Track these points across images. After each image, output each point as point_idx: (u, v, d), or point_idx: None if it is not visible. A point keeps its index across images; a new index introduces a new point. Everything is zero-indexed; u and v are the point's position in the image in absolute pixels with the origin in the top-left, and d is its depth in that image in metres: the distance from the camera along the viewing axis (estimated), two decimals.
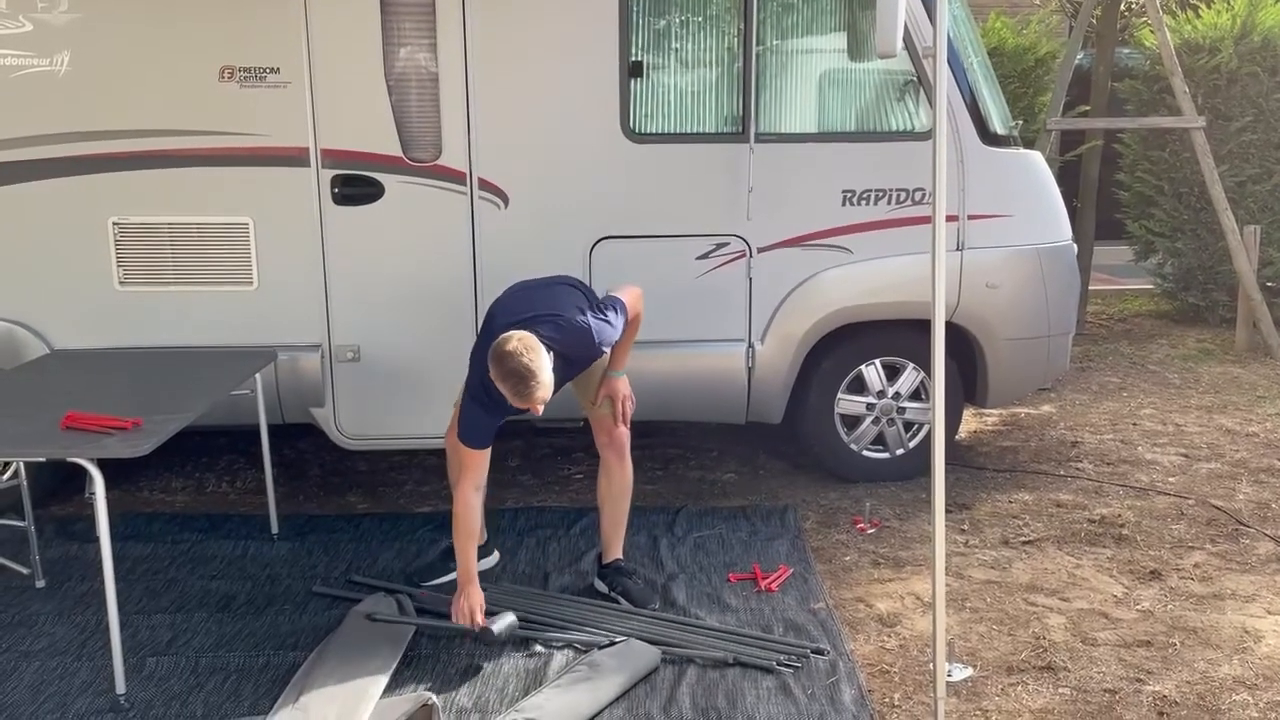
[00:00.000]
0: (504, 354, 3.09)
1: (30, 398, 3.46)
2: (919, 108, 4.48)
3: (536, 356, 3.10)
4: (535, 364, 3.09)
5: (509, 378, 3.09)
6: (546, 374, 3.12)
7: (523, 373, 3.08)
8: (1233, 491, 4.73)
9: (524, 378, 3.08)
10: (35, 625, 3.52)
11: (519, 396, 3.11)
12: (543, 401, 3.15)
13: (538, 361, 3.10)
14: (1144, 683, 3.17)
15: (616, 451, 3.66)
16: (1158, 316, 8.72)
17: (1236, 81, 8.02)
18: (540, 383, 3.10)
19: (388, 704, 3.01)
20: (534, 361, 3.09)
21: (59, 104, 4.13)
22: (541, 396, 3.12)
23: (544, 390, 3.12)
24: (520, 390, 3.09)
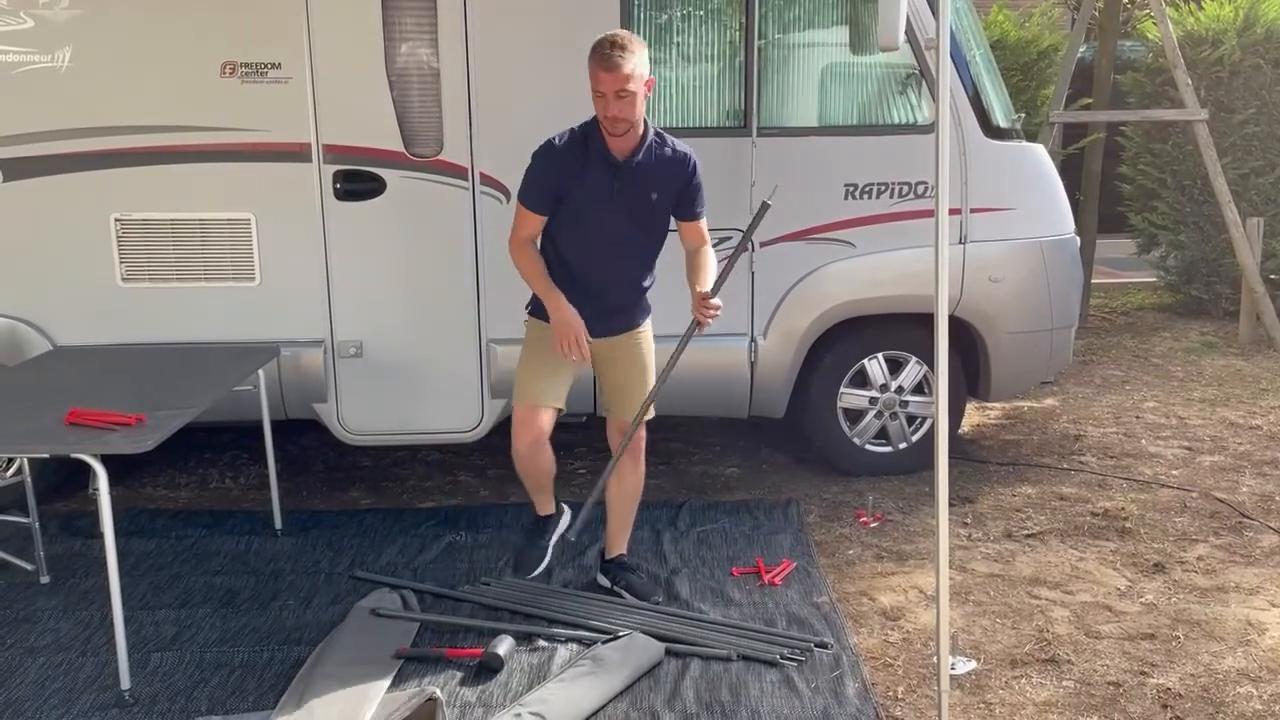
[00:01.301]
0: (603, 34, 3.14)
1: (33, 394, 3.46)
2: (921, 101, 4.47)
3: (638, 44, 3.13)
4: (634, 41, 3.11)
5: (601, 44, 3.10)
6: (638, 59, 3.10)
7: (616, 40, 3.09)
8: (1236, 484, 4.73)
9: (615, 42, 3.09)
10: (40, 621, 3.52)
11: (601, 59, 3.07)
12: (624, 84, 3.08)
13: (637, 47, 3.11)
14: (1148, 675, 3.17)
15: (632, 454, 3.57)
16: (1160, 309, 8.71)
17: (1239, 74, 8.00)
18: (628, 53, 3.07)
19: (391, 699, 3.01)
20: (634, 40, 3.12)
21: (61, 100, 4.12)
22: (623, 67, 3.06)
23: (629, 62, 3.07)
24: (605, 54, 3.07)
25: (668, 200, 3.37)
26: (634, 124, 3.21)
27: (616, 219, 3.33)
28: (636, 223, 3.36)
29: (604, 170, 3.28)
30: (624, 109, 3.14)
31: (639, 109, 3.19)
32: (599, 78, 3.11)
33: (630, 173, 3.28)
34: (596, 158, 3.27)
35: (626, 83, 3.10)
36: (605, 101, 3.14)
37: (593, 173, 3.27)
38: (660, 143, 3.34)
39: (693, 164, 3.37)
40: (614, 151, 3.27)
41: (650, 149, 3.30)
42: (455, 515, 4.42)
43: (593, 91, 3.15)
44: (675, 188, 3.36)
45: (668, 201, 3.38)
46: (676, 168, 3.34)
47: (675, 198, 3.38)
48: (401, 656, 3.26)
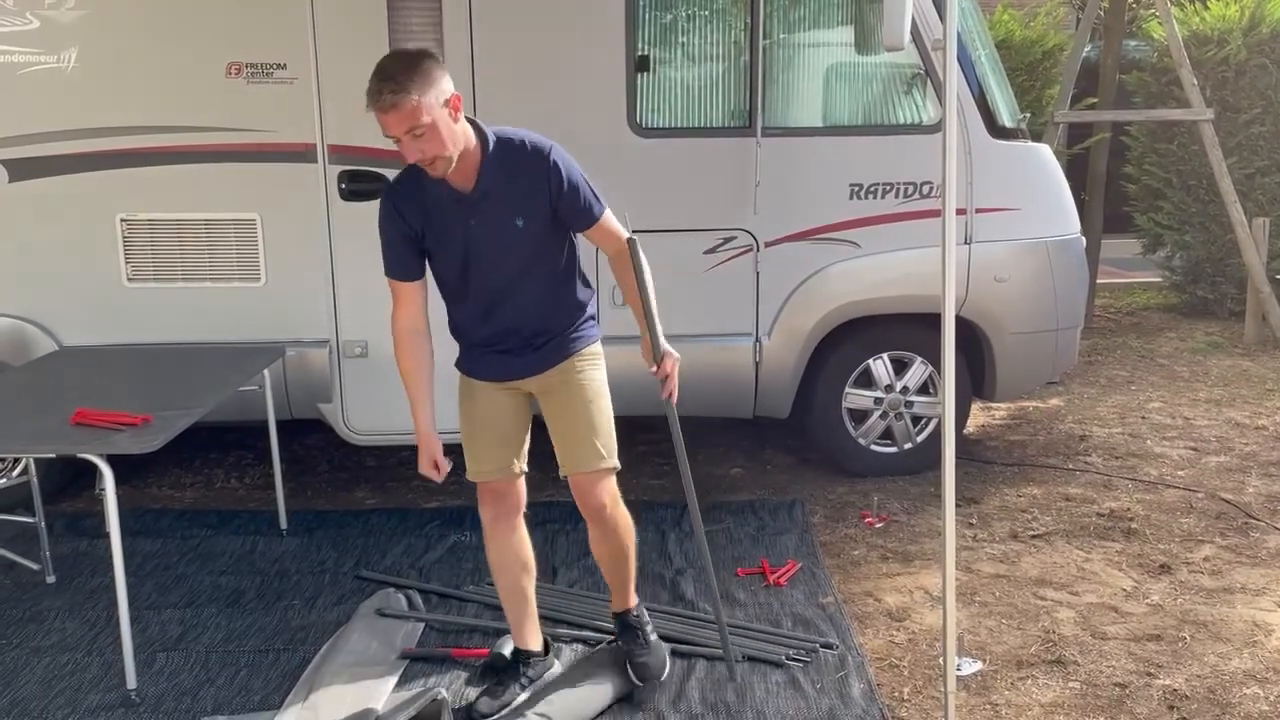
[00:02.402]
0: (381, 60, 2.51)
1: (39, 394, 3.47)
2: (926, 101, 4.47)
3: (417, 62, 2.47)
4: (407, 65, 2.45)
5: (371, 81, 2.46)
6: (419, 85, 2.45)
7: (382, 69, 2.45)
8: (1242, 485, 4.72)
9: (380, 74, 2.45)
10: (46, 621, 3.53)
11: (370, 101, 2.46)
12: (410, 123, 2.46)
13: (415, 67, 2.45)
14: (1154, 676, 3.16)
15: (593, 513, 2.90)
16: (1166, 310, 8.70)
17: (1245, 73, 7.99)
18: (400, 86, 2.43)
19: (397, 699, 3.01)
20: (408, 64, 2.45)
21: (66, 101, 4.13)
22: (399, 105, 2.43)
23: (403, 97, 2.43)
24: (371, 92, 2.45)
25: (541, 219, 2.71)
26: (452, 156, 2.57)
27: (493, 257, 2.72)
28: (517, 255, 2.73)
29: (451, 208, 2.68)
30: (428, 147, 2.52)
31: (449, 138, 2.54)
32: (379, 120, 2.50)
33: (481, 201, 2.67)
34: (437, 197, 2.68)
35: (416, 119, 2.46)
36: (403, 147, 2.53)
37: (439, 215, 2.69)
38: (503, 150, 2.66)
39: (551, 162, 2.66)
40: (455, 185, 2.66)
41: (494, 165, 2.65)
42: (460, 515, 4.42)
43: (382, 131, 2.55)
44: (543, 200, 2.68)
45: (543, 221, 2.71)
46: (533, 176, 2.67)
47: (550, 211, 2.70)
48: (407, 656, 3.27)
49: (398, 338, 2.83)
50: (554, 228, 2.76)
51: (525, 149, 2.68)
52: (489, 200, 2.67)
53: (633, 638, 3.07)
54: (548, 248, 2.77)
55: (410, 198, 2.71)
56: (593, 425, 2.85)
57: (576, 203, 2.73)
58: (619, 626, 3.12)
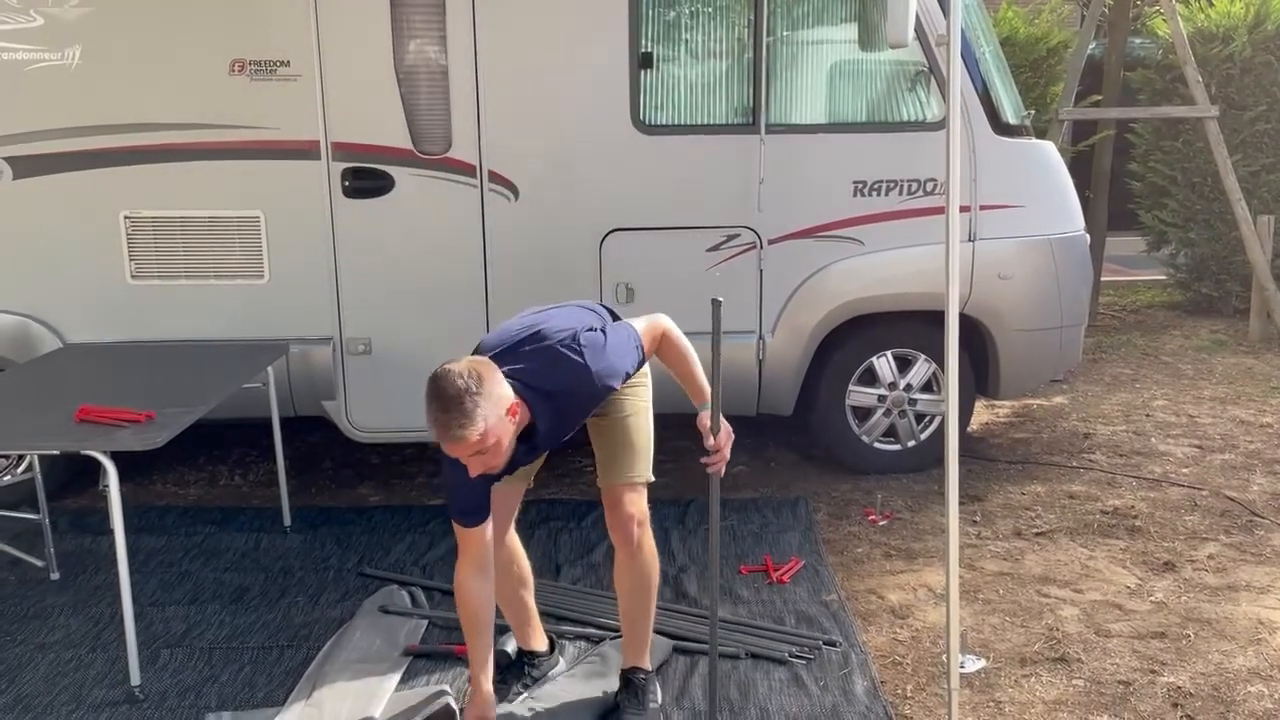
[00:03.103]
0: (435, 375, 2.42)
1: (44, 391, 3.47)
2: (930, 98, 4.46)
3: (477, 384, 2.40)
4: (469, 392, 2.38)
5: (430, 402, 2.41)
6: (484, 410, 2.39)
7: (445, 397, 2.38)
8: (1246, 483, 4.71)
9: (445, 404, 2.38)
10: (50, 617, 3.54)
11: (438, 429, 2.41)
12: (477, 448, 2.42)
13: (477, 390, 2.39)
14: (1158, 674, 3.15)
15: (622, 535, 2.84)
16: (1170, 307, 8.68)
17: (1250, 70, 7.97)
18: (468, 418, 2.37)
19: (401, 697, 3.02)
20: (470, 388, 2.38)
21: (70, 98, 4.14)
22: (468, 437, 2.39)
23: (472, 429, 2.38)
24: (439, 421, 2.39)
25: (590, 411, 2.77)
26: (506, 459, 2.53)
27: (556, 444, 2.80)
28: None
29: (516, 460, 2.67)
30: (490, 461, 2.47)
31: (508, 444, 2.49)
32: (446, 447, 2.45)
33: (541, 442, 2.69)
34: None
35: (483, 444, 2.41)
36: (464, 462, 2.49)
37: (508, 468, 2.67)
38: (542, 397, 2.58)
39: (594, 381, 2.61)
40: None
41: (542, 418, 2.61)
42: None
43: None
44: (592, 404, 2.72)
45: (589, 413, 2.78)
46: (581, 400, 2.65)
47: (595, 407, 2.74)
48: (410, 654, 3.27)
49: (462, 584, 2.74)
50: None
51: (568, 384, 2.61)
52: (546, 437, 2.68)
53: (632, 697, 2.95)
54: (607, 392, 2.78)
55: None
56: (630, 439, 2.85)
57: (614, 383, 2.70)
58: (622, 682, 2.99)
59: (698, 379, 2.83)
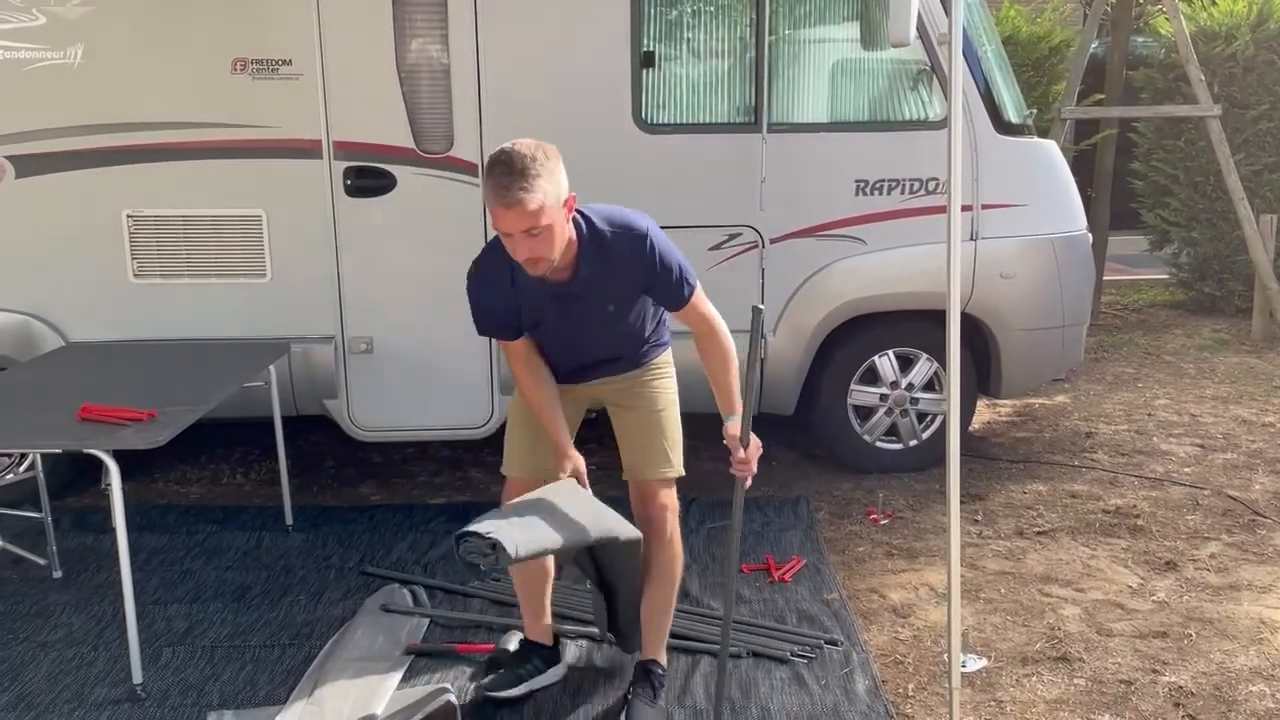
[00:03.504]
0: (502, 147, 2.41)
1: (46, 390, 3.48)
2: (932, 97, 4.46)
3: (544, 156, 2.40)
4: (535, 160, 2.37)
5: (493, 168, 2.37)
6: (546, 184, 2.37)
7: (510, 161, 2.36)
8: (1249, 482, 4.71)
9: (509, 167, 2.36)
10: (52, 616, 3.54)
11: (497, 194, 2.36)
12: (531, 222, 2.37)
13: (544, 160, 2.38)
14: (1160, 674, 3.15)
15: (655, 527, 2.87)
16: (1173, 306, 8.67)
17: (1253, 69, 7.96)
18: (530, 183, 2.34)
19: (402, 695, 3.02)
20: (536, 157, 2.37)
21: (73, 97, 4.14)
22: (527, 204, 2.34)
23: (532, 196, 2.34)
24: (500, 185, 2.35)
25: (632, 300, 2.72)
26: (554, 259, 2.52)
27: (584, 332, 2.76)
28: (607, 328, 2.76)
29: (541, 296, 2.66)
30: (539, 248, 2.44)
31: (560, 239, 2.49)
32: (497, 215, 2.40)
33: (576, 294, 2.66)
34: (528, 287, 2.64)
35: (537, 219, 2.38)
36: (513, 243, 2.44)
37: (529, 297, 2.66)
38: (599, 239, 2.60)
39: (650, 246, 2.62)
40: (549, 278, 2.61)
41: (591, 255, 2.60)
42: (466, 511, 4.42)
43: (498, 231, 2.46)
44: (638, 286, 2.69)
45: (633, 300, 2.72)
46: (633, 262, 2.63)
47: (642, 292, 2.71)
48: (412, 652, 3.27)
49: (520, 382, 2.79)
50: (644, 301, 2.77)
51: (624, 237, 2.63)
52: (586, 290, 2.65)
53: (646, 689, 2.93)
54: (637, 316, 2.80)
55: (500, 283, 2.67)
56: (662, 433, 2.87)
57: (669, 287, 2.69)
58: (637, 672, 2.98)
59: (732, 387, 2.79)
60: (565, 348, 2.84)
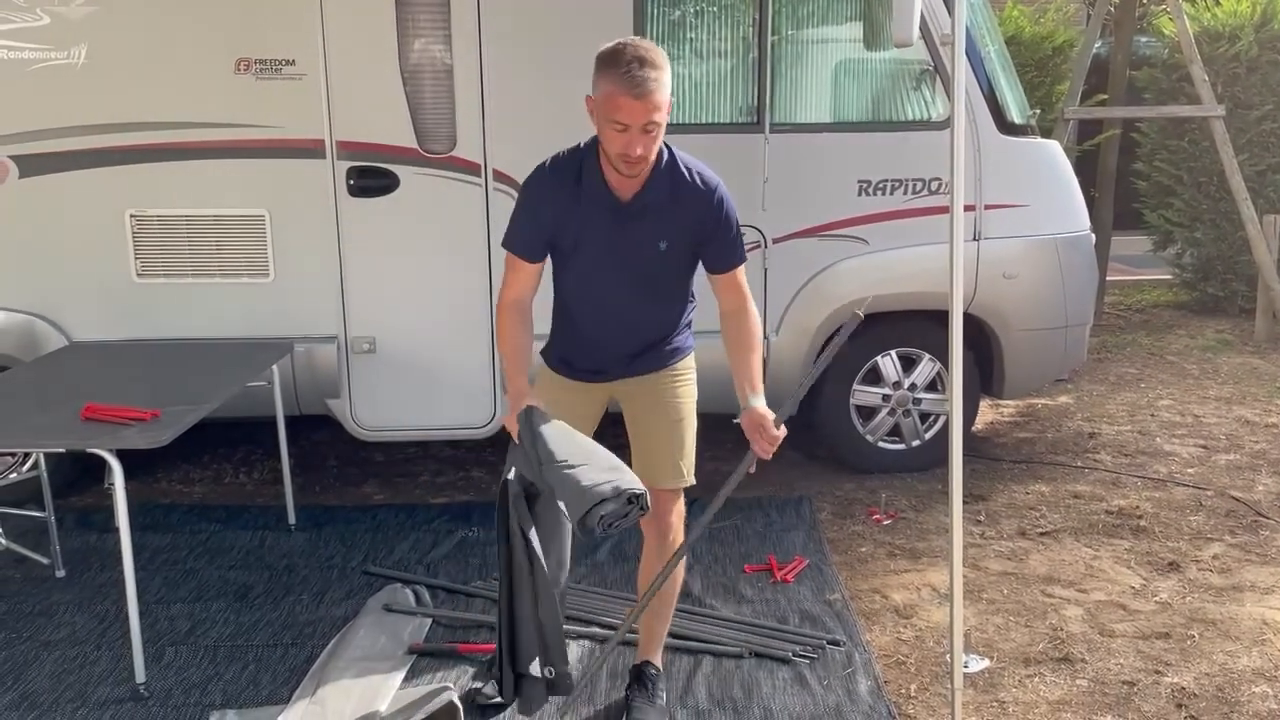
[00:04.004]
0: (629, 41, 2.43)
1: (49, 389, 3.48)
2: (935, 97, 4.45)
3: (664, 55, 2.43)
4: (665, 61, 2.42)
5: (626, 59, 2.37)
6: (669, 84, 2.42)
7: (646, 56, 2.38)
8: (1252, 483, 4.70)
9: (644, 62, 2.37)
10: (55, 615, 3.55)
11: (631, 84, 2.35)
12: (654, 116, 2.39)
13: (666, 61, 2.42)
14: (1162, 674, 3.15)
15: (659, 530, 2.86)
16: (1176, 307, 8.66)
17: (1256, 69, 7.95)
18: (661, 79, 2.39)
19: (404, 695, 3.02)
20: (665, 60, 2.42)
21: (76, 96, 4.14)
22: (659, 99, 2.38)
23: (663, 92, 2.38)
24: (635, 78, 2.35)
25: (684, 248, 2.66)
26: (652, 160, 2.54)
27: (628, 270, 2.66)
28: (650, 274, 2.68)
29: (603, 212, 2.59)
30: (649, 145, 2.45)
31: (654, 150, 2.50)
32: (621, 105, 2.39)
33: (635, 216, 2.59)
34: (592, 195, 2.58)
35: (656, 112, 2.40)
36: (627, 137, 2.42)
37: (588, 215, 2.59)
38: (674, 171, 2.59)
39: (720, 199, 2.61)
40: (615, 190, 2.57)
41: (662, 181, 2.57)
42: (468, 511, 4.43)
43: (606, 120, 2.44)
44: (695, 233, 2.63)
45: (684, 250, 2.66)
46: (698, 206, 2.60)
47: (695, 244, 2.65)
48: (414, 652, 3.27)
49: (505, 311, 2.67)
50: (690, 258, 2.70)
51: (697, 177, 2.62)
52: (645, 215, 2.59)
53: (643, 690, 2.95)
54: (679, 274, 2.74)
55: (564, 185, 2.60)
56: (679, 442, 2.82)
57: (728, 242, 2.66)
58: (633, 675, 3.00)
59: (754, 367, 2.71)
60: (598, 305, 2.72)
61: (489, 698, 2.98)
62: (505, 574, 2.70)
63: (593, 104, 2.50)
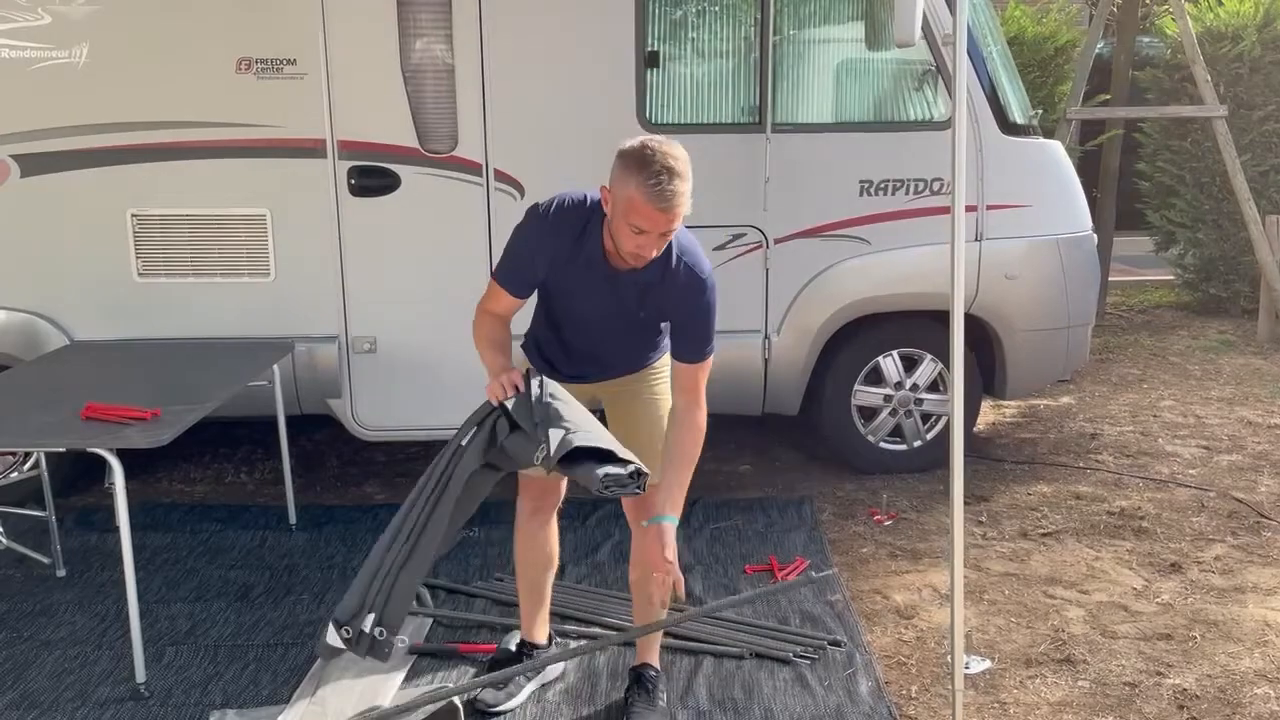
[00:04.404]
0: (659, 148, 2.39)
1: (50, 389, 3.48)
2: (937, 97, 4.45)
3: (688, 161, 2.43)
4: (688, 166, 2.42)
5: (659, 169, 2.35)
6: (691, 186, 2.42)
7: (678, 169, 2.37)
8: (1254, 484, 4.69)
9: (674, 176, 2.36)
10: (56, 614, 3.55)
11: (658, 197, 2.35)
12: (672, 225, 2.42)
13: (690, 171, 2.43)
14: (1164, 676, 3.14)
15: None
16: (1178, 308, 8.65)
17: (1259, 70, 7.94)
18: (686, 194, 2.40)
19: (406, 694, 3.02)
20: (687, 163, 2.42)
21: (77, 96, 4.14)
22: (679, 212, 2.39)
23: (685, 206, 2.40)
24: (665, 192, 2.35)
25: (659, 322, 2.73)
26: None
27: (607, 324, 2.72)
28: (627, 330, 2.75)
29: (594, 276, 2.61)
30: (661, 247, 2.49)
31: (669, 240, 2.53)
32: (645, 215, 2.38)
33: (621, 286, 2.63)
34: (589, 258, 2.59)
35: (676, 221, 2.43)
36: (644, 239, 2.43)
37: (580, 272, 2.61)
38: (668, 255, 2.58)
39: (703, 294, 2.61)
40: (612, 260, 2.59)
41: (657, 263, 2.57)
42: None
43: (624, 220, 2.41)
44: (671, 315, 2.67)
45: (660, 323, 2.73)
46: (680, 294, 2.61)
47: (671, 325, 2.69)
48: (414, 652, 3.27)
49: (482, 312, 2.71)
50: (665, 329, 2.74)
51: (690, 269, 2.62)
52: (633, 286, 2.62)
53: (643, 693, 2.95)
54: (656, 333, 2.79)
55: (564, 241, 2.60)
56: (659, 435, 2.80)
57: (696, 335, 2.64)
58: (632, 677, 3.01)
59: (682, 483, 2.68)
60: (580, 330, 2.78)
61: (489, 705, 2.97)
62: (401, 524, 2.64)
63: (609, 196, 2.48)
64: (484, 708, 2.97)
